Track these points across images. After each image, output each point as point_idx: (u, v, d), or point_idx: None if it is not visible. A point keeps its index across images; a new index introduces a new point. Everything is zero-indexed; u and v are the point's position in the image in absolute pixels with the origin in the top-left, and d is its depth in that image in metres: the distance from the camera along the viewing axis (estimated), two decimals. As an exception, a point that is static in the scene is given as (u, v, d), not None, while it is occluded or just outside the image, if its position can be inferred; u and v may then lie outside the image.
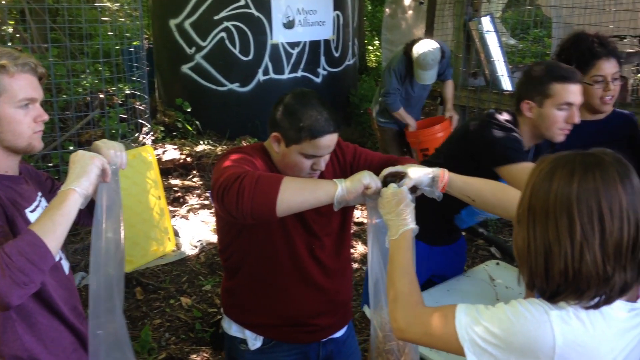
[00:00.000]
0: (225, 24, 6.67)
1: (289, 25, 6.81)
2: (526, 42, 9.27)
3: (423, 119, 5.52)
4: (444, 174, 1.69)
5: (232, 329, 2.00)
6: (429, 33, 7.49)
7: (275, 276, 1.89)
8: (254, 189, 1.53)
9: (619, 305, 1.22)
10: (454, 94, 5.20)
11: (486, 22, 5.12)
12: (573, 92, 2.05)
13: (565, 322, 1.18)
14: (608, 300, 1.19)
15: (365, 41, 11.43)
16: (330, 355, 2.06)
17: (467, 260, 4.34)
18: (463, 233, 4.69)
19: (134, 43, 6.19)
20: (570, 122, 2.09)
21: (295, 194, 1.55)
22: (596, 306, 1.19)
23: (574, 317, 1.19)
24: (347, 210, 1.95)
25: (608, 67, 2.28)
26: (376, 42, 11.91)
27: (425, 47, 4.70)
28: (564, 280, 1.18)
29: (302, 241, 1.86)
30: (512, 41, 9.43)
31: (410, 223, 1.55)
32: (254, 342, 1.96)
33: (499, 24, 8.08)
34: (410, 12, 9.15)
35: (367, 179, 1.61)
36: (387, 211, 1.58)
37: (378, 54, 11.36)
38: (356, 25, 8.11)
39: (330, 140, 1.72)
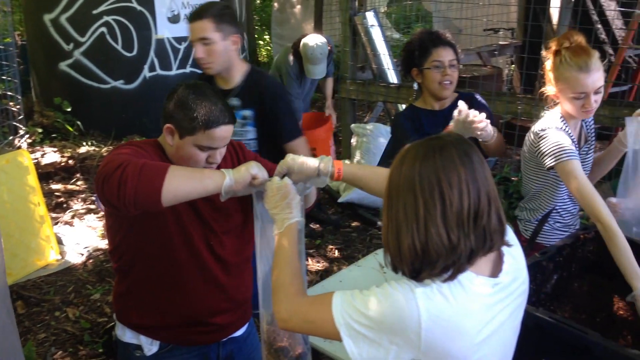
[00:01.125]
0: (105, 18, 6.36)
1: (175, 19, 6.61)
2: (409, 36, 9.59)
3: (307, 113, 5.57)
4: (337, 164, 1.72)
5: (126, 335, 1.91)
6: (318, 27, 7.56)
7: (171, 273, 1.82)
8: (137, 178, 1.48)
9: (482, 281, 1.28)
10: (333, 91, 5.31)
11: (370, 17, 5.25)
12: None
13: (429, 298, 1.23)
14: (459, 269, 1.25)
15: (256, 36, 11.35)
16: (231, 355, 2.02)
17: (363, 249, 4.45)
18: (357, 223, 4.85)
19: (5, 40, 5.76)
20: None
21: (182, 183, 1.53)
22: (452, 277, 1.25)
23: (437, 292, 1.24)
24: (250, 208, 1.93)
25: (445, 54, 2.49)
26: (267, 37, 11.86)
27: (312, 41, 4.74)
28: (415, 255, 1.24)
29: (200, 237, 1.81)
30: (397, 35, 9.76)
31: (295, 216, 1.56)
32: (150, 347, 1.88)
33: (383, 18, 8.32)
34: (298, 6, 9.19)
35: (254, 169, 1.60)
36: (273, 205, 1.59)
37: (269, 48, 11.32)
38: (244, 19, 8.02)
39: (225, 131, 1.71)
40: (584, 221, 2.10)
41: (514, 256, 1.39)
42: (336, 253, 4.42)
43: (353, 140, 5.25)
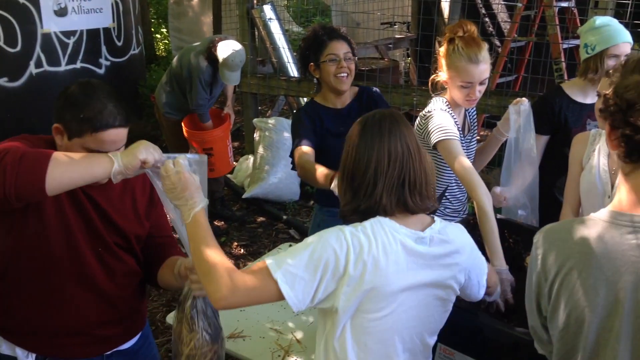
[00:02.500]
0: (-16, 12, 5.89)
1: (62, 12, 6.24)
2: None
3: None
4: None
5: (2, 347, 1.79)
6: (217, 21, 7.43)
7: (49, 278, 1.71)
8: (18, 166, 1.41)
9: (405, 232, 1.48)
10: (233, 92, 5.24)
11: (268, 10, 5.22)
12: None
13: (355, 235, 1.44)
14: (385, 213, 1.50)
15: (152, 29, 10.98)
16: None
17: (269, 244, 4.44)
18: (262, 218, 4.83)
19: None
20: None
21: (68, 169, 1.47)
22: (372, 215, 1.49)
23: (361, 232, 1.45)
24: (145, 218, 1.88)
25: (339, 47, 2.56)
26: (164, 30, 11.51)
27: (231, 48, 4.62)
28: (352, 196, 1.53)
29: (85, 241, 1.72)
30: (298, 28, 9.79)
31: (199, 203, 1.55)
32: (26, 359, 1.78)
33: (283, 11, 8.32)
34: (195, -1, 8.97)
35: (143, 154, 1.55)
36: (175, 197, 1.56)
37: (167, 42, 11.00)
38: (139, 12, 7.73)
39: (115, 135, 1.63)
40: (472, 205, 2.20)
41: (453, 230, 1.58)
42: (242, 250, 4.39)
43: (256, 135, 5.22)
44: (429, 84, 2.47)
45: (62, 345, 1.78)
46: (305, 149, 2.45)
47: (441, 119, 2.31)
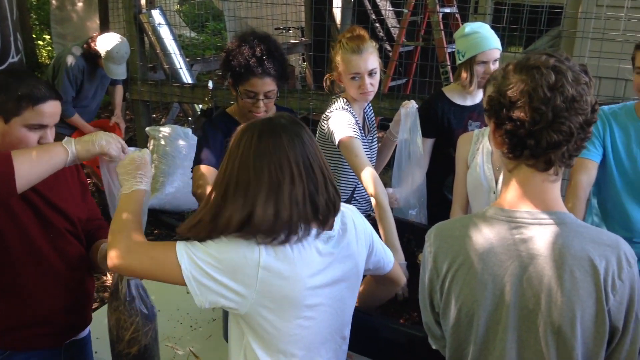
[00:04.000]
0: None
1: None
2: (205, 34, 9.51)
3: (93, 121, 5.22)
4: None
5: None
6: (104, 26, 7.11)
7: (10, 271, 1.72)
8: None
9: (316, 232, 1.42)
10: (124, 100, 5.05)
11: (157, 15, 5.06)
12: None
13: (266, 239, 1.36)
14: (300, 239, 1.40)
15: (34, 36, 10.35)
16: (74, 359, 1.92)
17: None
18: (159, 230, 4.65)
19: None
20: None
21: (33, 166, 1.53)
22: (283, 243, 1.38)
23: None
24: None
25: (262, 85, 2.25)
26: (47, 37, 10.87)
27: (114, 40, 4.40)
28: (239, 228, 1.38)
29: (37, 229, 1.74)
30: (192, 34, 9.60)
31: (143, 185, 1.60)
32: None
33: (175, 16, 8.12)
34: (80, 3, 8.54)
35: (102, 141, 1.62)
36: (125, 172, 1.61)
37: (50, 49, 10.40)
38: (17, 18, 7.23)
39: (54, 106, 1.68)
40: None
41: (356, 225, 1.55)
42: (139, 264, 4.20)
43: (150, 145, 5.03)
44: (324, 83, 2.52)
45: (23, 336, 1.78)
46: (204, 168, 2.22)
47: (342, 117, 2.36)
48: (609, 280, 1.22)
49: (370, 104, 2.69)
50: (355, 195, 2.58)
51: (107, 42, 4.36)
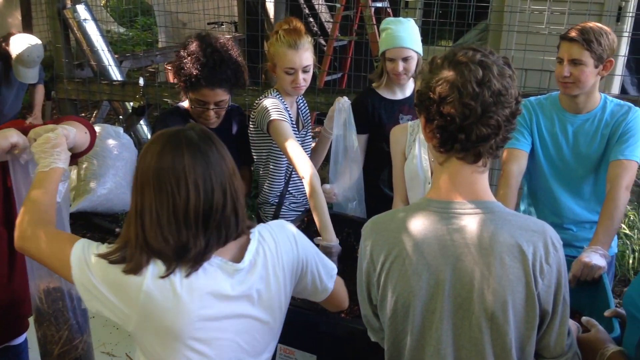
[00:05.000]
0: None
1: None
2: (135, 30, 9.25)
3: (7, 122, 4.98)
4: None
5: None
6: (27, 22, 6.79)
7: None
8: None
9: (218, 262, 1.33)
10: (49, 99, 4.85)
11: (82, 10, 4.88)
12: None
13: (155, 263, 1.29)
14: (194, 266, 1.30)
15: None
16: None
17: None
18: (92, 233, 4.50)
19: None
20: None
21: None
22: (173, 272, 1.29)
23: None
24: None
25: (213, 96, 2.27)
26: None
27: (26, 42, 4.19)
28: (139, 249, 1.29)
29: None
30: (122, 29, 9.31)
31: (61, 163, 1.56)
32: None
33: (101, 12, 7.84)
34: (-1, -1, 8.13)
35: (14, 137, 1.57)
36: (41, 150, 1.56)
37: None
38: None
39: None
40: None
41: (278, 252, 1.41)
42: (71, 269, 4.05)
43: (79, 145, 4.84)
44: (260, 76, 2.50)
45: None
46: None
47: (270, 103, 2.36)
48: (537, 265, 1.27)
49: (304, 99, 2.69)
50: (290, 189, 2.57)
51: (18, 44, 4.15)
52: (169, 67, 2.22)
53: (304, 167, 2.19)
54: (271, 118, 2.31)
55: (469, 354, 1.31)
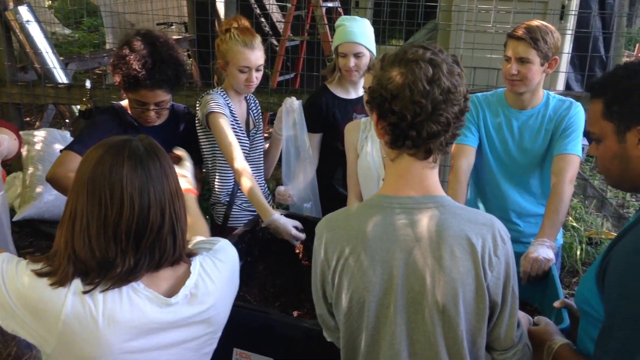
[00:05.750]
0: None
1: None
2: (81, 31, 9.01)
3: None
4: None
5: None
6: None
7: None
8: None
9: (149, 295, 1.24)
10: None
11: (25, 12, 4.71)
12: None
13: (76, 294, 1.20)
14: (118, 284, 1.22)
15: None
16: None
17: (50, 269, 4.02)
18: (40, 241, 4.35)
19: None
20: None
21: None
22: (110, 288, 1.21)
23: (87, 294, 1.20)
24: None
25: (154, 97, 2.25)
26: None
27: None
28: (67, 259, 1.21)
29: None
30: (67, 31, 9.06)
31: None
32: None
33: (46, 13, 7.61)
34: None
35: None
36: None
37: None
38: None
39: None
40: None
41: (212, 279, 1.33)
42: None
43: (24, 150, 4.68)
44: (214, 76, 2.50)
45: None
46: (74, 156, 2.14)
47: (211, 97, 2.39)
48: (486, 257, 1.29)
49: (255, 99, 2.68)
50: (238, 192, 2.55)
51: None
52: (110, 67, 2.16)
53: (232, 160, 2.27)
54: (209, 110, 2.34)
55: (422, 348, 1.32)
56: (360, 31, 2.55)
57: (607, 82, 1.37)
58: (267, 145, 2.72)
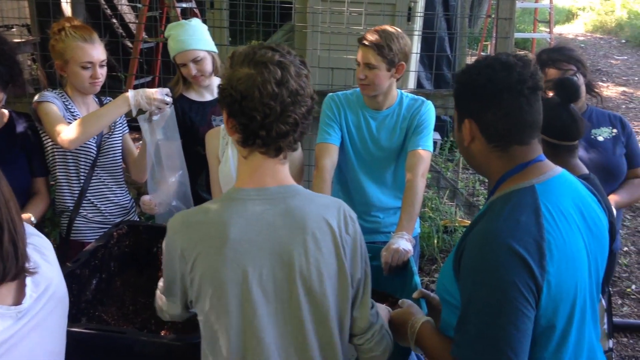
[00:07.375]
0: None
1: None
2: None
3: None
4: None
5: None
6: None
7: None
8: None
9: (2, 312, 1.11)
10: None
11: None
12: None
13: None
14: None
15: None
16: None
17: None
18: None
19: None
20: None
21: None
22: None
23: None
24: None
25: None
26: None
27: None
28: None
29: None
30: None
31: None
32: None
33: None
34: None
35: None
36: None
37: None
38: None
39: None
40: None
41: (49, 260, 1.24)
42: None
43: None
44: (58, 78, 2.35)
45: None
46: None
47: (39, 94, 2.29)
48: (343, 237, 1.36)
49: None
50: (94, 200, 2.41)
51: None
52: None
53: (57, 133, 2.17)
54: (34, 101, 2.25)
55: (292, 333, 1.33)
56: (190, 37, 2.51)
57: (456, 76, 1.48)
58: (136, 150, 2.60)
